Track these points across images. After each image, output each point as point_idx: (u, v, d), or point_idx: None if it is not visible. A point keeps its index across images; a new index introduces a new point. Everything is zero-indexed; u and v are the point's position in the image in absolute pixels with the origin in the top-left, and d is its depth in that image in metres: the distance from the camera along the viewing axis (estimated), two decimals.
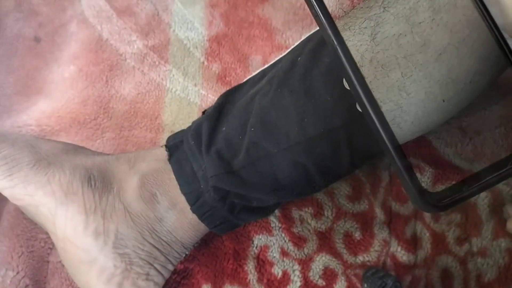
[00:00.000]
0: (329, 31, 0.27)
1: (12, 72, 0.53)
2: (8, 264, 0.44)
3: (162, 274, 0.40)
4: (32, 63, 0.54)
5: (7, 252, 0.45)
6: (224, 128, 0.40)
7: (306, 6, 0.56)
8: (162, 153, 0.42)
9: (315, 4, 0.27)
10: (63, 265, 0.46)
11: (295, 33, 0.54)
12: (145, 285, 0.38)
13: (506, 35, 0.33)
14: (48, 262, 0.46)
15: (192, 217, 0.40)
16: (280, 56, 0.48)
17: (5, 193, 0.38)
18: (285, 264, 0.47)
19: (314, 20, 0.54)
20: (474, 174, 0.29)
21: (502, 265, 0.47)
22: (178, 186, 0.39)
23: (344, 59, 0.27)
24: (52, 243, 0.46)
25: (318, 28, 0.49)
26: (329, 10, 0.53)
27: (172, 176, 0.40)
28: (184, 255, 0.43)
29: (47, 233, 0.46)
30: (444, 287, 0.47)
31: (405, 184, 0.27)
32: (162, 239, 0.39)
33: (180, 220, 0.40)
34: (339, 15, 0.53)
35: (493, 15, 0.31)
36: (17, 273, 0.44)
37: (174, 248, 0.40)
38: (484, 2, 0.31)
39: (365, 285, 0.45)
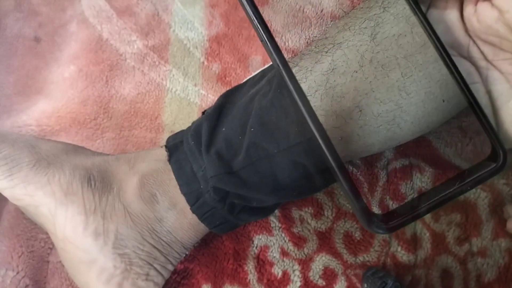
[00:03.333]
0: (274, 55, 0.28)
1: (12, 72, 0.53)
2: (8, 264, 0.44)
3: (162, 274, 0.40)
4: (32, 63, 0.54)
5: (7, 252, 0.45)
6: (224, 129, 0.40)
7: (305, 9, 0.56)
8: (162, 153, 0.41)
9: (261, 29, 0.28)
10: (63, 265, 0.46)
11: (294, 35, 0.54)
12: (145, 286, 0.38)
13: (452, 52, 0.33)
14: (48, 262, 0.46)
15: (192, 217, 0.40)
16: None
17: (5, 193, 0.38)
18: (285, 264, 0.47)
19: (312, 23, 0.54)
20: (424, 193, 0.30)
21: (502, 265, 0.47)
22: (178, 187, 0.39)
23: (289, 83, 0.28)
24: (52, 243, 0.46)
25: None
26: (329, 10, 0.53)
27: (172, 176, 0.40)
28: (184, 255, 0.43)
29: (47, 233, 0.46)
30: (444, 287, 0.47)
31: (353, 206, 0.28)
32: (162, 239, 0.39)
33: (180, 220, 0.40)
34: (339, 15, 0.53)
35: (439, 34, 0.32)
36: (17, 273, 0.44)
37: (174, 248, 0.40)
38: (429, 22, 0.31)
39: (365, 285, 0.45)
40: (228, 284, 0.46)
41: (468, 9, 0.32)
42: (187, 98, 0.52)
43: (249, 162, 0.38)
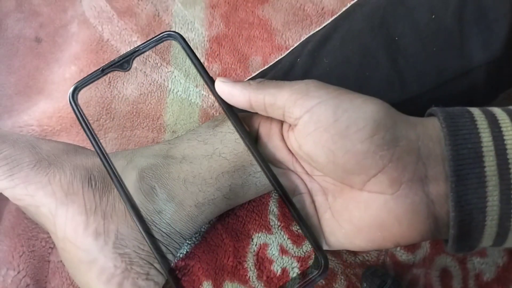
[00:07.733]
0: (106, 166, 0.36)
1: (13, 72, 0.54)
2: (9, 264, 0.44)
3: (162, 274, 0.40)
4: (33, 63, 0.54)
5: (8, 252, 0.45)
6: None
7: (305, 7, 0.56)
8: (161, 148, 0.42)
9: (100, 153, 0.36)
10: (63, 265, 0.46)
11: (294, 33, 0.54)
12: (145, 285, 0.38)
13: (282, 166, 0.38)
14: (49, 261, 0.46)
15: (190, 209, 0.40)
16: (280, 57, 0.48)
17: (6, 193, 0.38)
18: (284, 261, 0.47)
19: (313, 21, 0.54)
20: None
21: (501, 264, 0.47)
22: (176, 180, 0.40)
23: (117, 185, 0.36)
24: (53, 243, 0.47)
25: (317, 29, 0.49)
26: (330, 8, 0.53)
27: (171, 170, 0.40)
28: (184, 252, 0.43)
29: (48, 233, 0.46)
30: (443, 287, 0.47)
31: None
32: (162, 231, 0.39)
33: (178, 213, 0.40)
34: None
35: (268, 153, 0.37)
36: (18, 272, 0.44)
37: (174, 238, 0.41)
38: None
39: (364, 284, 0.45)
40: (228, 281, 0.46)
41: (284, 135, 0.36)
42: (189, 99, 0.52)
43: None
